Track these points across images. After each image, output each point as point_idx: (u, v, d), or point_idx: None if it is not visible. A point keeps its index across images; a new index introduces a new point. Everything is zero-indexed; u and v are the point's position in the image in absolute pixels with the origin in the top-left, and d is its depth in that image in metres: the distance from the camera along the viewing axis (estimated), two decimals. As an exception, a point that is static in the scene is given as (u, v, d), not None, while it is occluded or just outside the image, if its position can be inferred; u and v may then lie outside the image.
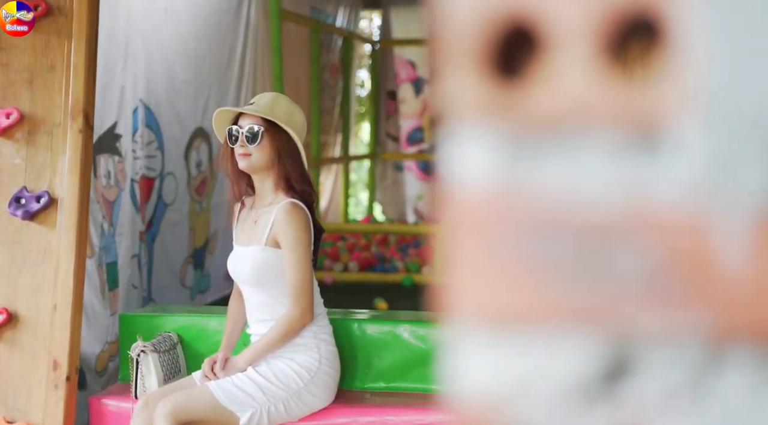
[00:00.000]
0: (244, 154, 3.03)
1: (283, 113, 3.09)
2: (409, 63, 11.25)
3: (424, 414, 3.02)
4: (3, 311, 3.19)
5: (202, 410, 2.92)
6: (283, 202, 3.03)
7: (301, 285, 2.99)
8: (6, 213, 3.25)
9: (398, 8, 11.26)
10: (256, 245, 3.05)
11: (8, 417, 3.15)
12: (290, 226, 2.99)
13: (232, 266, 3.13)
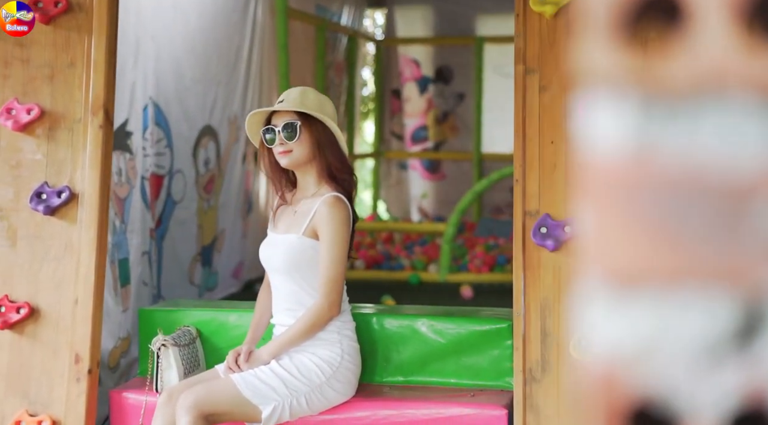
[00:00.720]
0: (285, 151, 3.05)
1: (314, 104, 3.11)
2: (413, 62, 11.26)
3: (443, 408, 3.05)
4: (25, 306, 3.22)
5: (225, 402, 2.94)
6: (327, 195, 3.05)
7: (334, 279, 3.01)
8: (27, 208, 3.28)
9: (402, 7, 11.28)
10: (294, 233, 3.07)
11: (31, 410, 3.17)
12: (332, 220, 3.01)
13: (265, 252, 3.15)
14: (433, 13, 11.24)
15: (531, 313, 2.89)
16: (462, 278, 7.78)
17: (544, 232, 2.90)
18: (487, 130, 10.84)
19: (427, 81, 11.23)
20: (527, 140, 2.97)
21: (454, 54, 11.11)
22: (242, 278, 7.92)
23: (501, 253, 8.29)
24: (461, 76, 11.11)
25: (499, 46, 10.77)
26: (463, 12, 11.02)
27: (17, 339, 3.22)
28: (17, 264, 3.26)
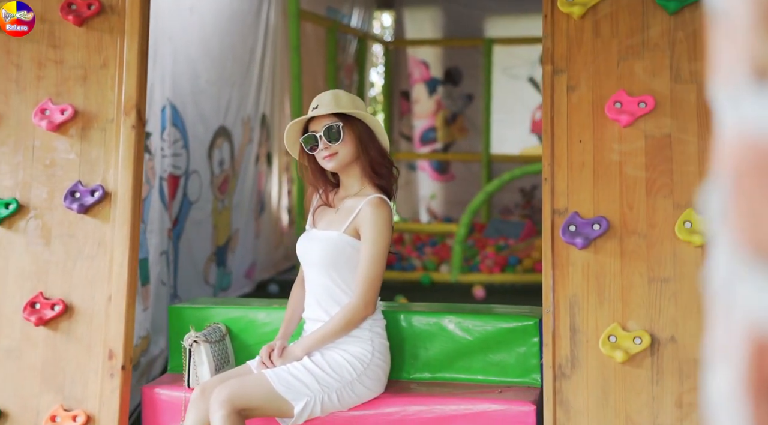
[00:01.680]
0: (331, 154, 3.10)
1: (348, 104, 3.15)
2: (422, 63, 11.32)
3: (471, 404, 3.09)
4: (59, 303, 3.27)
5: (258, 397, 2.99)
6: (371, 196, 3.10)
7: (373, 279, 3.06)
8: (61, 207, 3.33)
9: (411, 9, 11.33)
10: (335, 230, 3.12)
11: (65, 405, 3.22)
12: (376, 221, 3.05)
13: (303, 247, 3.19)
14: (441, 15, 11.29)
15: (560, 310, 2.94)
16: (474, 279, 7.83)
17: (573, 230, 2.95)
18: (496, 131, 10.90)
19: (436, 82, 11.29)
20: (555, 139, 3.02)
21: (462, 56, 11.17)
22: (255, 278, 7.97)
23: (512, 253, 8.34)
24: (470, 77, 11.17)
25: (507, 48, 10.83)
26: (471, 14, 11.08)
27: (52, 335, 3.27)
28: (52, 262, 3.32)
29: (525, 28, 10.85)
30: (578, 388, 2.90)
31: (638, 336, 2.87)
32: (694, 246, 2.89)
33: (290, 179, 8.86)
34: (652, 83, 2.99)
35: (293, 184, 8.81)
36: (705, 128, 2.94)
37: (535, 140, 11.16)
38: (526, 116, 11.08)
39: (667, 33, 3.00)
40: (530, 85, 11.01)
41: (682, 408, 2.83)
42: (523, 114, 11.07)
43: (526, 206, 10.96)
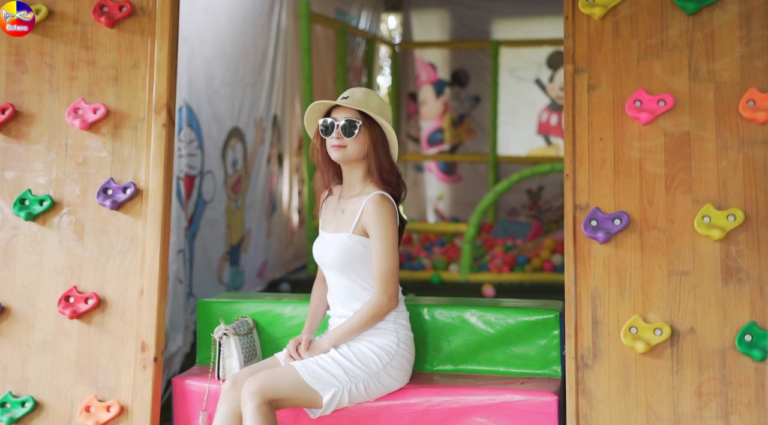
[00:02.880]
0: (339, 146, 3.18)
1: (377, 107, 3.22)
2: (429, 65, 11.41)
3: (495, 394, 3.18)
4: (93, 296, 3.36)
5: (288, 388, 3.08)
6: (373, 193, 3.18)
7: (389, 273, 3.14)
8: (94, 204, 3.42)
9: (418, 11, 11.42)
10: (344, 232, 3.21)
11: (99, 395, 3.31)
12: (380, 217, 3.13)
13: (318, 251, 3.27)
14: (448, 17, 11.38)
15: (582, 302, 3.03)
16: (483, 278, 7.92)
17: (595, 225, 3.04)
18: (503, 132, 10.99)
19: (443, 84, 11.38)
20: (577, 137, 3.11)
21: (469, 57, 11.26)
22: (266, 277, 8.06)
23: (520, 253, 8.42)
24: (477, 79, 11.25)
25: (514, 50, 10.92)
26: (478, 16, 11.17)
27: (85, 328, 3.36)
28: (85, 257, 3.41)
29: (531, 30, 10.95)
30: (600, 378, 2.98)
31: (658, 327, 2.95)
32: (712, 240, 2.97)
33: (300, 179, 8.95)
34: (671, 82, 3.08)
35: (303, 184, 8.90)
36: (723, 126, 3.03)
37: (541, 141, 11.25)
38: (532, 118, 11.17)
39: (685, 33, 3.09)
40: (537, 86, 11.10)
41: (701, 397, 2.92)
42: (529, 115, 11.16)
43: (533, 206, 11.04)
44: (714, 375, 2.92)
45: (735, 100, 3.03)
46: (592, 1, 3.15)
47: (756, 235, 2.96)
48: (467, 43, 11.12)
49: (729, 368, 2.91)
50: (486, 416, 3.16)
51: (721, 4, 3.09)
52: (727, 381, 2.91)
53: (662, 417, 2.92)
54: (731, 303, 2.94)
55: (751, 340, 2.89)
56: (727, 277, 2.96)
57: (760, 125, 2.99)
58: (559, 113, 11.10)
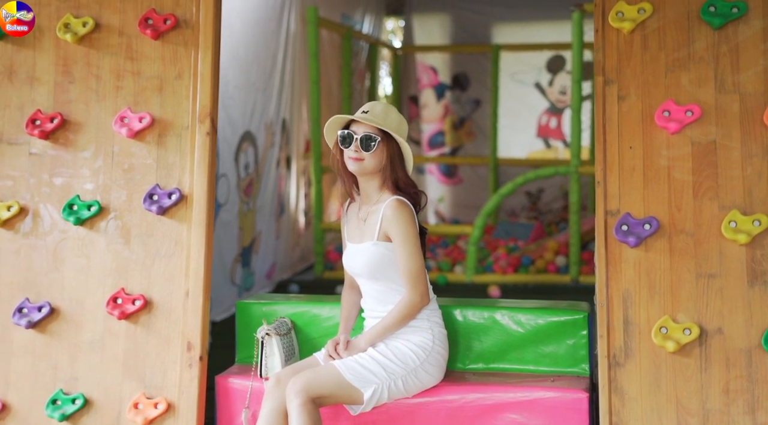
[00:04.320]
0: (357, 158, 3.32)
1: (395, 123, 3.36)
2: (431, 69, 11.56)
3: (527, 392, 3.32)
4: (140, 298, 3.49)
5: (330, 386, 3.22)
6: (389, 199, 3.32)
7: (416, 272, 3.29)
8: (139, 209, 3.55)
9: (420, 15, 11.57)
10: (369, 241, 3.35)
11: (147, 393, 3.44)
12: (399, 220, 3.28)
13: (348, 262, 3.41)
14: (449, 22, 11.53)
15: (614, 303, 3.18)
16: (488, 279, 8.07)
17: (626, 229, 3.19)
18: (503, 135, 11.14)
19: (444, 88, 11.53)
20: (607, 145, 3.26)
21: (470, 61, 11.41)
22: (274, 279, 8.19)
23: (524, 254, 8.57)
24: (477, 82, 11.41)
25: (514, 54, 11.08)
26: (479, 20, 11.32)
27: (132, 328, 3.49)
28: (131, 260, 3.53)
29: (531, 34, 11.11)
30: (632, 376, 3.13)
31: (687, 327, 3.11)
32: (738, 244, 3.13)
33: (307, 181, 9.09)
34: (698, 94, 3.23)
35: (310, 186, 9.04)
36: (747, 135, 3.18)
37: (540, 144, 11.41)
38: (532, 121, 11.33)
39: (711, 47, 3.25)
40: (536, 90, 11.26)
41: (728, 394, 3.07)
42: (529, 119, 11.32)
43: (533, 208, 11.20)
44: (741, 373, 3.07)
45: (759, 110, 3.19)
46: (621, 16, 3.30)
47: (780, 239, 3.12)
48: (468, 47, 11.27)
49: (755, 366, 3.07)
50: (519, 412, 3.31)
51: (745, 19, 3.24)
52: (753, 379, 3.06)
53: (692, 413, 3.08)
54: (757, 304, 3.09)
55: (776, 339, 3.05)
56: (752, 279, 3.11)
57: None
58: (558, 116, 11.27)
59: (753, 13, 3.24)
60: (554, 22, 10.87)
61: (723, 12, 3.24)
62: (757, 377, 3.06)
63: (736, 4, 3.24)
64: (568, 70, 11.10)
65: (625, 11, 3.31)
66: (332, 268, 8.60)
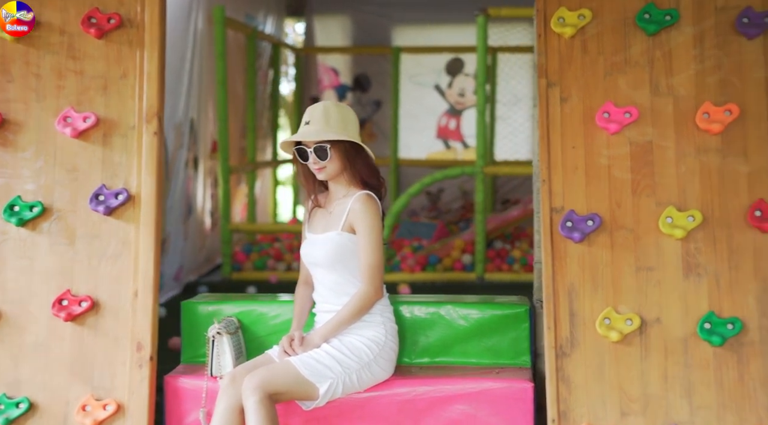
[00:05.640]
0: (319, 169, 3.41)
1: (338, 123, 3.42)
2: (332, 70, 11.63)
3: (475, 383, 3.43)
4: (87, 299, 3.46)
5: (286, 382, 3.26)
6: (358, 193, 3.41)
7: (375, 266, 3.37)
8: (85, 209, 3.52)
9: (321, 17, 11.63)
10: (333, 231, 3.42)
11: (95, 395, 3.41)
12: (366, 214, 3.37)
13: (308, 251, 3.47)
14: (350, 23, 11.64)
15: (560, 296, 3.32)
16: (397, 278, 8.19)
17: (570, 226, 3.34)
18: (403, 136, 11.31)
19: (345, 89, 11.62)
20: (551, 145, 3.41)
21: (371, 63, 11.54)
22: (182, 280, 8.13)
23: (431, 253, 8.73)
24: (378, 84, 11.54)
25: (414, 56, 11.26)
26: (379, 22, 11.46)
27: (79, 330, 3.45)
28: (77, 261, 3.50)
29: (431, 37, 11.31)
30: (577, 365, 3.28)
31: (629, 318, 3.28)
32: (674, 239, 3.32)
33: (214, 182, 9.04)
34: (635, 96, 3.41)
35: (217, 187, 8.99)
36: (681, 136, 3.38)
37: (440, 145, 11.63)
38: (432, 122, 11.54)
39: (646, 52, 3.44)
40: (436, 92, 11.47)
41: (667, 380, 3.25)
42: (429, 120, 11.52)
43: (432, 208, 11.39)
44: (678, 360, 3.26)
45: (691, 112, 3.39)
46: (562, 21, 3.46)
47: (712, 234, 3.31)
48: (369, 48, 11.39)
49: (691, 353, 3.26)
50: (467, 403, 3.42)
51: (677, 25, 3.44)
52: (689, 365, 3.25)
53: (633, 399, 3.24)
54: (691, 295, 3.29)
55: (710, 328, 3.24)
56: (687, 272, 3.30)
57: (714, 135, 3.35)
58: (457, 118, 11.50)
59: (684, 21, 3.44)
60: (454, 26, 11.10)
61: (657, 19, 3.43)
62: (692, 363, 3.25)
63: (669, 12, 3.43)
64: (466, 73, 11.36)
65: (566, 17, 3.46)
66: (240, 269, 8.58)
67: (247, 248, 9.10)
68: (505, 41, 10.71)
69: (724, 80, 3.41)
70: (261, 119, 10.33)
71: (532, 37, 10.98)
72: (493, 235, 9.10)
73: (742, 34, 3.42)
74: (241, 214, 9.77)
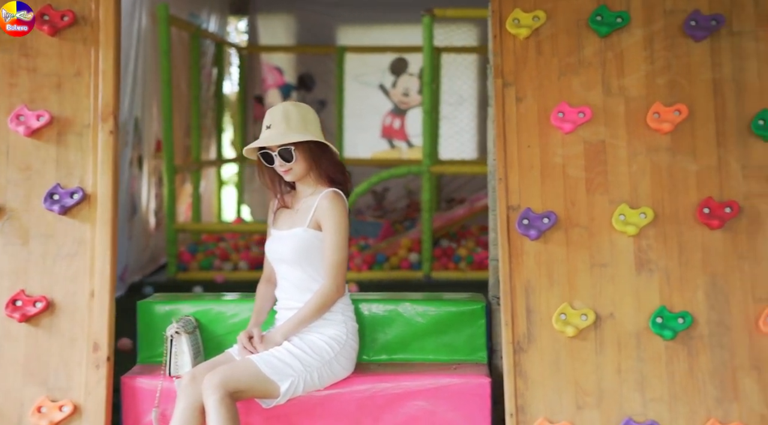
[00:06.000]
0: (286, 171, 3.42)
1: (298, 124, 3.43)
2: (276, 69, 11.60)
3: (434, 379, 3.47)
4: (42, 299, 3.42)
5: (247, 380, 3.26)
6: (326, 191, 3.43)
7: (339, 264, 3.39)
8: (39, 209, 3.48)
9: (264, 15, 11.59)
10: (299, 227, 3.43)
11: (51, 396, 3.38)
12: (333, 211, 3.39)
13: (273, 247, 3.47)
14: (294, 22, 11.61)
15: (517, 293, 3.38)
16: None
17: (527, 223, 3.40)
18: (348, 136, 11.33)
19: (289, 88, 11.59)
20: (507, 144, 3.46)
21: (315, 62, 11.53)
22: (127, 280, 8.04)
23: (377, 252, 8.77)
24: (323, 83, 11.54)
25: (359, 56, 11.29)
26: (324, 22, 11.46)
27: (33, 330, 3.41)
28: (31, 261, 3.45)
29: (375, 37, 11.35)
30: (534, 361, 3.34)
31: (584, 313, 3.34)
32: (627, 236, 3.39)
33: (158, 181, 8.96)
34: (588, 96, 3.48)
35: (161, 187, 8.91)
36: (632, 135, 3.46)
37: (385, 144, 11.67)
38: (376, 122, 11.57)
39: (598, 53, 3.51)
40: (380, 91, 11.52)
41: (621, 374, 3.32)
42: (373, 119, 11.55)
43: (378, 207, 11.43)
44: (631, 354, 3.33)
45: (642, 112, 3.47)
46: (518, 23, 3.51)
47: (663, 230, 3.40)
48: (313, 47, 11.38)
49: (643, 347, 3.33)
50: (426, 399, 3.45)
51: (628, 28, 3.52)
52: (641, 358, 3.33)
53: (588, 393, 3.31)
54: (643, 291, 3.37)
55: (662, 322, 3.32)
56: (639, 268, 3.38)
57: (665, 134, 3.44)
58: (401, 117, 11.56)
59: (635, 23, 3.52)
60: (398, 26, 11.15)
61: (609, 21, 3.50)
62: (644, 357, 3.33)
63: (620, 15, 3.51)
64: (410, 73, 11.41)
65: (521, 18, 3.52)
66: (186, 269, 8.53)
67: (193, 248, 9.04)
68: (449, 42, 10.80)
69: (674, 81, 3.49)
70: (205, 118, 10.27)
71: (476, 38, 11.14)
72: (439, 234, 9.17)
73: (690, 36, 3.51)
74: (185, 213, 9.70)
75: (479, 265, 8.26)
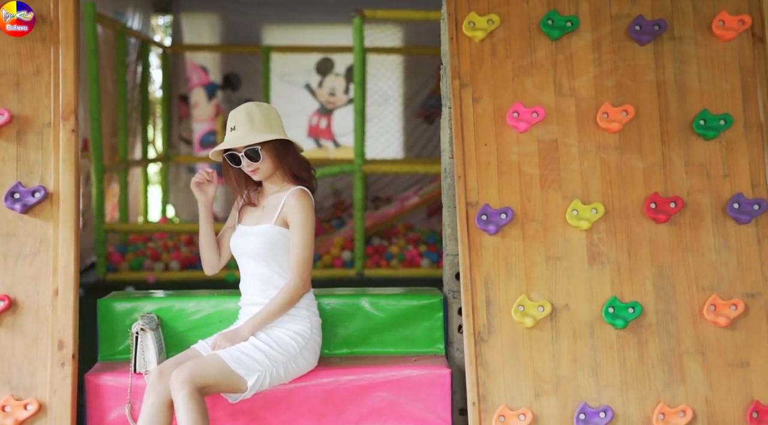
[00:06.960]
0: (254, 170, 3.48)
1: (262, 124, 3.50)
2: (201, 68, 11.54)
3: (396, 371, 3.57)
4: (4, 298, 3.41)
5: (215, 375, 3.31)
6: (293, 188, 3.50)
7: (306, 260, 3.46)
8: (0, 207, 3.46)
9: (188, 14, 11.52)
10: (266, 223, 3.49)
11: (15, 395, 3.37)
12: (300, 208, 3.45)
13: (238, 242, 3.53)
14: (219, 22, 11.57)
15: (476, 286, 3.50)
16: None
17: (485, 219, 3.52)
18: (274, 135, 11.32)
19: (215, 87, 11.55)
20: (465, 143, 3.58)
21: (241, 62, 11.51)
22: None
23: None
24: (249, 83, 11.53)
25: (284, 56, 11.31)
26: (249, 21, 11.45)
27: (-4, 330, 3.40)
28: (-8, 260, 3.44)
29: (300, 37, 11.38)
30: (494, 350, 3.47)
31: (541, 304, 3.49)
32: (580, 230, 3.55)
33: (85, 181, 8.85)
34: (540, 97, 3.63)
35: (90, 186, 8.81)
36: (583, 134, 3.62)
37: (312, 143, 11.72)
38: (303, 121, 11.61)
39: (550, 55, 3.66)
40: (307, 91, 11.56)
41: (576, 361, 3.48)
42: (300, 119, 11.59)
43: (306, 206, 11.46)
44: (585, 343, 3.49)
45: (592, 112, 3.63)
46: (473, 26, 3.64)
47: (613, 225, 3.57)
48: (238, 47, 11.36)
49: (596, 336, 3.49)
50: (388, 391, 3.56)
51: (577, 31, 3.68)
52: (595, 347, 3.49)
53: (546, 380, 3.45)
54: (596, 282, 3.53)
55: (614, 312, 3.49)
56: (592, 261, 3.54)
57: (613, 133, 3.61)
58: (328, 117, 11.63)
59: (584, 27, 3.68)
60: (324, 26, 11.22)
61: (559, 25, 3.66)
62: (598, 345, 3.49)
63: (569, 19, 3.67)
64: (336, 73, 11.49)
65: (476, 21, 3.65)
66: (115, 270, 8.45)
67: (122, 249, 8.96)
68: (372, 42, 10.90)
69: (621, 83, 3.66)
70: (130, 118, 10.17)
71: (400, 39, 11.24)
72: (371, 232, 9.28)
73: (635, 40, 3.69)
74: (110, 214, 9.60)
75: (410, 262, 8.40)
